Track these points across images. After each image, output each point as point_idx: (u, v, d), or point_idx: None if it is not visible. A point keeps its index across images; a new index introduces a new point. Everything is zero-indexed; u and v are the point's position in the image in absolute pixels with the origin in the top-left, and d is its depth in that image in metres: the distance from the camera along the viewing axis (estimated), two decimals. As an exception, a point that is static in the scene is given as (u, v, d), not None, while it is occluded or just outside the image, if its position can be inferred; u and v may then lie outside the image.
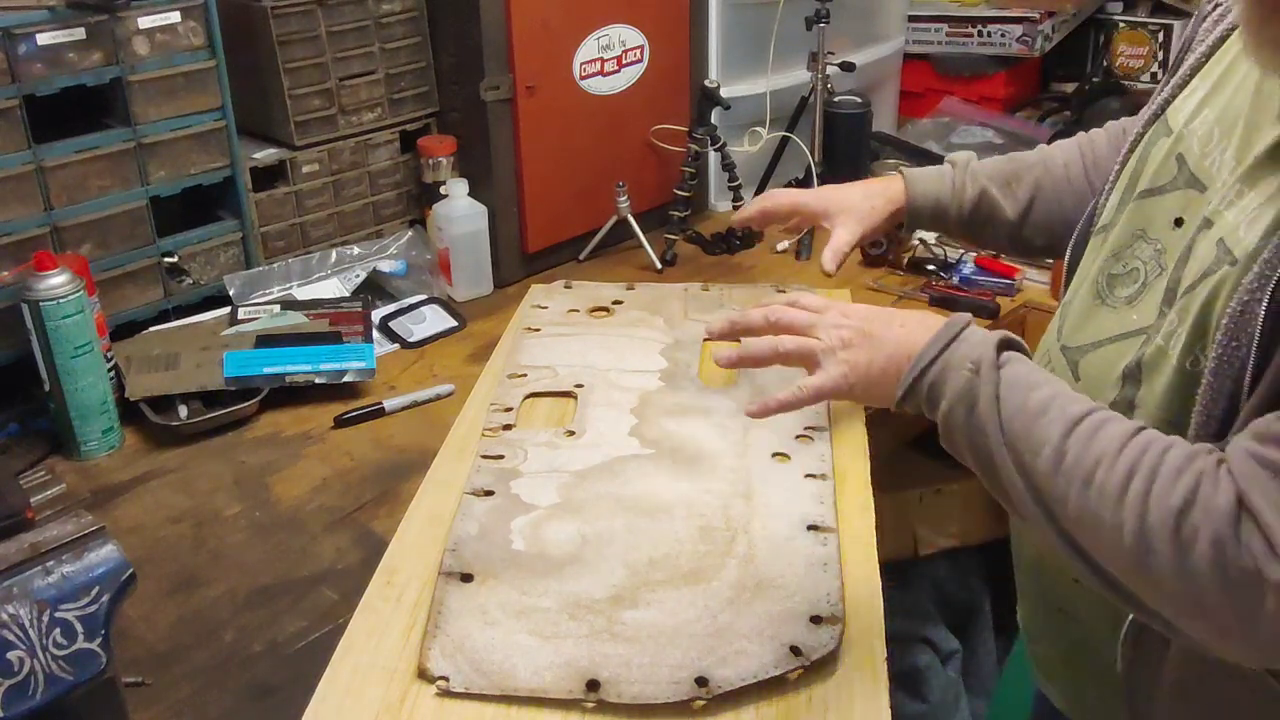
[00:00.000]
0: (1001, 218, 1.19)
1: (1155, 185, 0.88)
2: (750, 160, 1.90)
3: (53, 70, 1.32)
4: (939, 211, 1.22)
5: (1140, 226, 0.89)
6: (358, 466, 1.27)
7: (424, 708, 0.87)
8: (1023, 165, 1.19)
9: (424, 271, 1.66)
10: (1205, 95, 0.86)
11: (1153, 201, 0.88)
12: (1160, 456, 0.72)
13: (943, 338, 0.83)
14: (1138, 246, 0.88)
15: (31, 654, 0.73)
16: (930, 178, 1.23)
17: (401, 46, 1.65)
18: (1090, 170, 1.16)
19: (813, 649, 0.90)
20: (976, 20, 2.30)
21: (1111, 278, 0.90)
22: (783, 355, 0.89)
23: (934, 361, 0.83)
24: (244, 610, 1.05)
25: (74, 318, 1.23)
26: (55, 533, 0.78)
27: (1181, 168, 0.86)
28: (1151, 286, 0.86)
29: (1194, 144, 0.85)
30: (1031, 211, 1.18)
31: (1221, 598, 0.68)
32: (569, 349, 1.41)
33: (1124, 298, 0.88)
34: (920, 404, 0.85)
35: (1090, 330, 0.91)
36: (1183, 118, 0.88)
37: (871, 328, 0.87)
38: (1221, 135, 0.82)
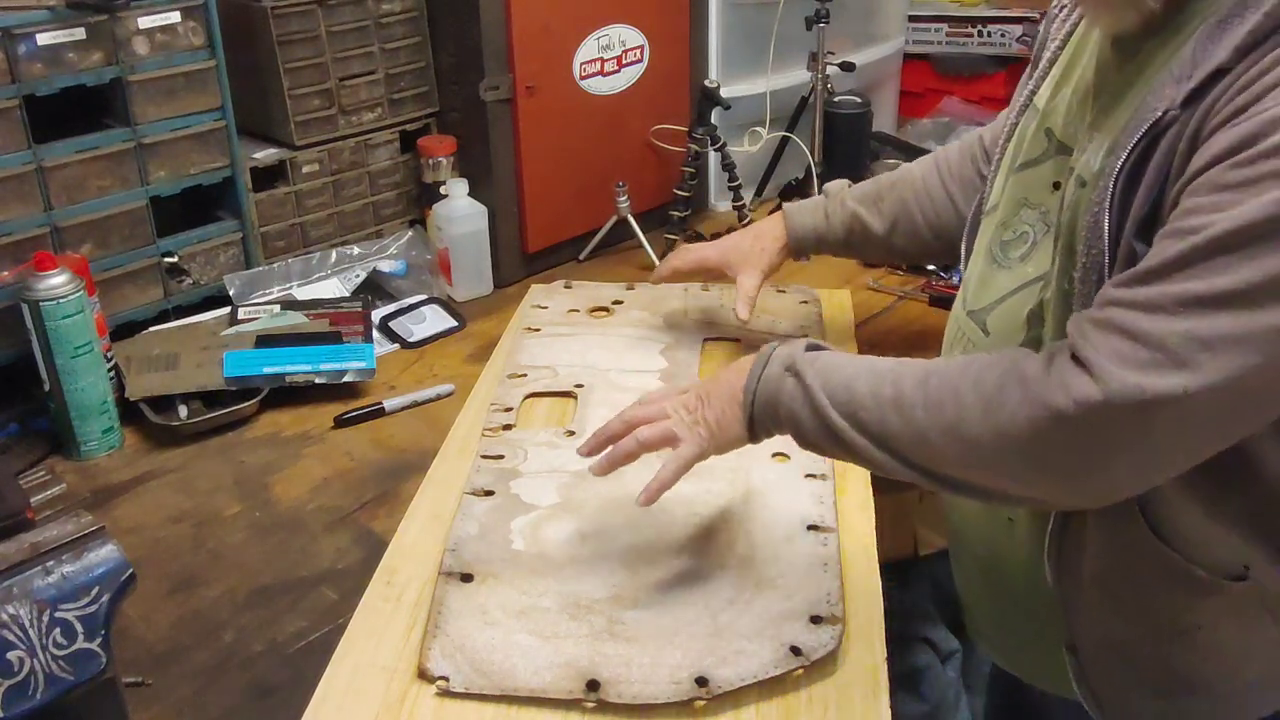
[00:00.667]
0: (873, 233, 1.33)
1: (1030, 158, 1.00)
2: (750, 160, 1.90)
3: (53, 70, 1.32)
4: (820, 239, 1.37)
5: (1022, 195, 1.00)
6: (358, 466, 1.27)
7: (424, 708, 0.87)
8: (885, 184, 1.34)
9: (424, 271, 1.66)
10: (1061, 77, 1.00)
11: (1030, 172, 1.00)
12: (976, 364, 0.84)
13: (758, 363, 0.95)
14: (1023, 213, 1.00)
15: (31, 654, 0.73)
16: (806, 210, 1.37)
17: (401, 46, 1.65)
18: (946, 179, 1.29)
19: (813, 649, 0.90)
20: (976, 20, 2.30)
21: (1003, 244, 1.01)
22: (645, 444, 0.97)
23: (757, 384, 0.93)
24: (244, 610, 1.05)
25: (74, 318, 1.23)
26: (55, 533, 0.78)
27: (1050, 139, 0.98)
28: (1041, 244, 0.97)
29: (1058, 119, 0.97)
30: (897, 223, 1.32)
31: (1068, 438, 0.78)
32: (569, 349, 1.41)
33: (1017, 257, 0.99)
34: (769, 428, 0.94)
35: (991, 291, 1.01)
36: (1045, 99, 1.01)
37: (705, 389, 0.98)
38: (1078, 106, 0.95)
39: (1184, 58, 0.81)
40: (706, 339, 1.44)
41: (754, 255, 1.37)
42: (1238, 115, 0.75)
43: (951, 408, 0.83)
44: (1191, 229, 0.74)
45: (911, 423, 0.85)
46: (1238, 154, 0.74)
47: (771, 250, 1.37)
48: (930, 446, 0.84)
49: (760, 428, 0.94)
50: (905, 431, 0.85)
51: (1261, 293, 0.72)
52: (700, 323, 1.48)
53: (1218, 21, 0.79)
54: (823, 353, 0.93)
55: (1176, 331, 0.73)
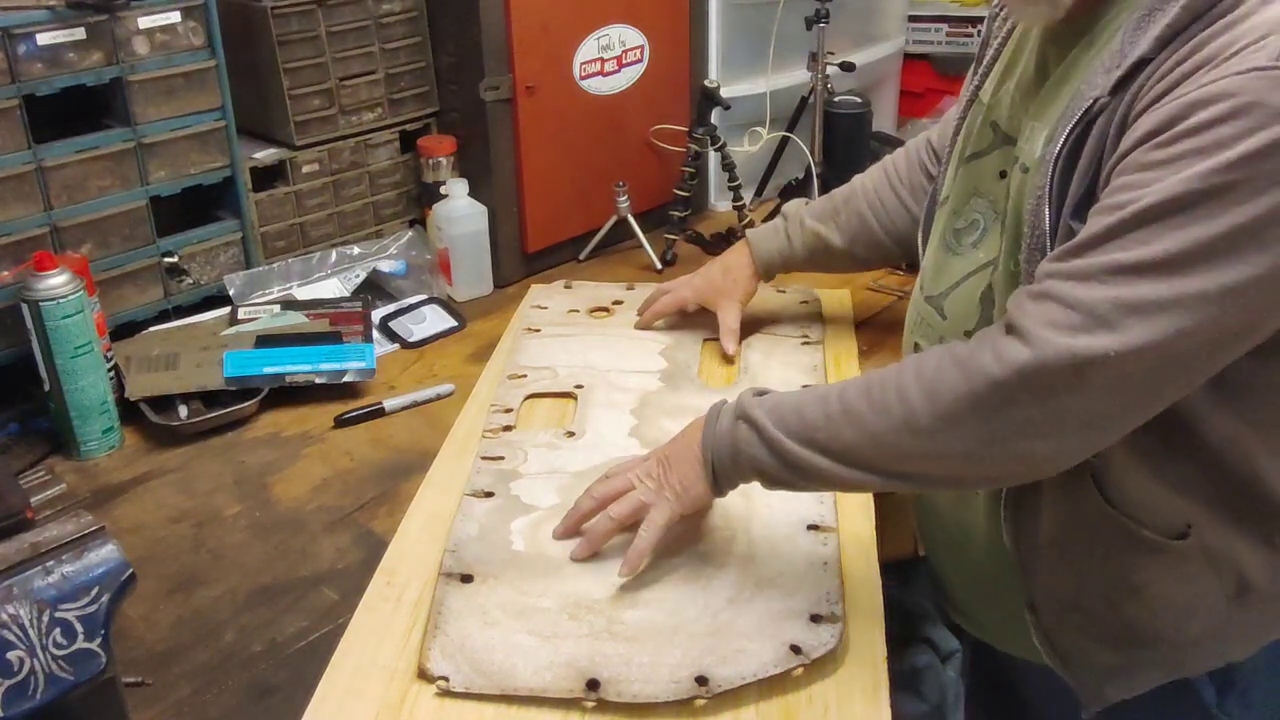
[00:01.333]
0: (835, 247, 1.38)
1: (977, 150, 1.05)
2: (750, 160, 1.90)
3: (53, 70, 1.32)
4: (785, 260, 1.42)
5: (972, 185, 1.05)
6: (358, 466, 1.27)
7: (424, 708, 0.87)
8: (840, 199, 1.40)
9: (424, 271, 1.66)
10: (1004, 72, 1.05)
11: (978, 164, 1.05)
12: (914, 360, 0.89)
13: (710, 420, 0.98)
14: (973, 201, 1.04)
15: (31, 654, 0.73)
16: (767, 235, 1.43)
17: (401, 46, 1.65)
18: (897, 186, 1.35)
19: (813, 648, 0.90)
20: (976, 20, 2.30)
21: (956, 232, 1.06)
22: (619, 520, 1.00)
23: (713, 439, 0.96)
24: (244, 610, 1.05)
25: (74, 318, 1.23)
26: (55, 533, 0.78)
27: (996, 131, 1.03)
28: (990, 230, 1.01)
29: (1003, 111, 1.02)
30: (856, 235, 1.37)
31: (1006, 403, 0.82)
32: (569, 349, 1.41)
33: (969, 244, 1.04)
34: (733, 478, 0.97)
35: (946, 277, 1.06)
36: (989, 93, 1.06)
37: (666, 452, 1.01)
38: (1021, 99, 1.00)
39: (1113, 49, 0.87)
40: (706, 339, 1.44)
41: (728, 288, 1.42)
42: (1159, 100, 0.81)
43: (897, 405, 0.87)
44: (1119, 204, 0.80)
45: (865, 430, 0.88)
46: (1159, 135, 0.79)
47: (743, 279, 1.42)
48: (888, 448, 0.88)
49: (724, 480, 0.97)
50: (861, 440, 0.89)
51: (1183, 261, 0.77)
52: (700, 323, 1.47)
53: (1142, 15, 0.85)
54: (769, 394, 0.97)
55: (1105, 298, 0.79)
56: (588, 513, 1.02)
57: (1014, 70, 1.03)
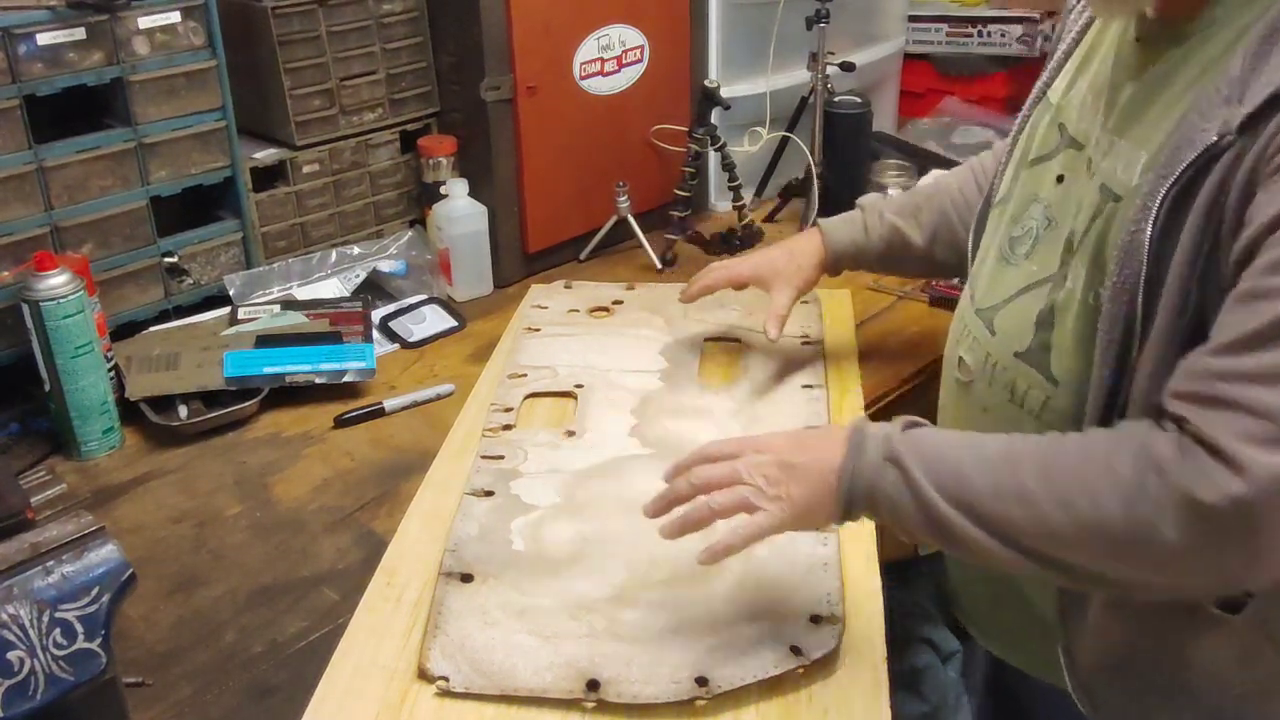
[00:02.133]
0: (913, 246, 1.30)
1: (1042, 153, 1.00)
2: (750, 160, 1.90)
3: (53, 70, 1.32)
4: (858, 254, 1.33)
5: (1033, 191, 0.99)
6: (358, 466, 1.27)
7: (424, 708, 0.87)
8: (922, 195, 1.32)
9: (424, 271, 1.66)
10: (1076, 71, 0.99)
11: (1041, 167, 0.99)
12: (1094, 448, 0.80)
13: (852, 449, 0.87)
14: (1031, 209, 0.99)
15: (31, 654, 0.73)
16: (843, 225, 1.33)
17: (402, 47, 1.65)
18: (983, 187, 1.23)
19: (813, 649, 0.90)
20: (976, 20, 2.30)
21: (1013, 240, 1.01)
22: (719, 512, 0.90)
23: (852, 472, 0.86)
24: (244, 610, 1.05)
25: (74, 318, 1.23)
26: (55, 533, 0.78)
27: (1062, 133, 0.97)
28: (1044, 239, 0.96)
29: (1072, 112, 0.97)
30: (937, 234, 1.29)
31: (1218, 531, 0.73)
32: (569, 349, 1.41)
33: (1023, 254, 0.98)
34: (861, 514, 0.88)
35: (999, 290, 1.00)
36: (1059, 93, 1.00)
37: (788, 458, 0.89)
38: (1093, 100, 0.94)
39: (1230, 74, 0.77)
40: (706, 339, 1.44)
41: (788, 272, 1.32)
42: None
43: (1084, 501, 0.77)
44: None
45: (1040, 518, 0.79)
46: None
47: (807, 267, 1.32)
48: (1061, 541, 0.79)
49: (852, 515, 0.88)
50: (1032, 527, 0.79)
51: None
52: (700, 323, 1.47)
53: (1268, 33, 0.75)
54: (920, 433, 0.87)
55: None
56: (683, 496, 0.92)
57: (1088, 69, 0.97)
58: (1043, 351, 0.93)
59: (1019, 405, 0.96)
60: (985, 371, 1.00)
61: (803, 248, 1.34)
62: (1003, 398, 0.98)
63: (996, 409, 0.99)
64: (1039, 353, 0.94)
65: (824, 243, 1.33)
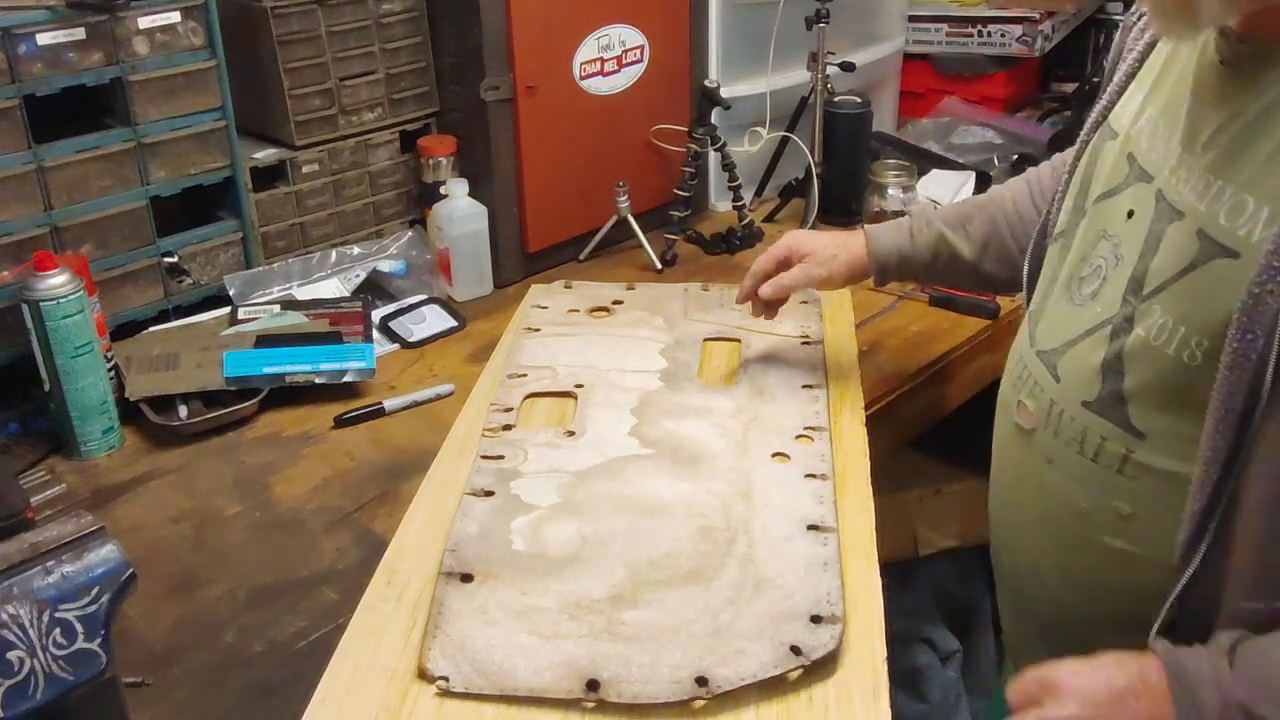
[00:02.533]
0: (961, 257, 1.24)
1: (1111, 188, 0.92)
2: (750, 160, 1.90)
3: (53, 70, 1.32)
4: (904, 261, 1.27)
5: (1101, 227, 0.92)
6: (358, 466, 1.27)
7: (424, 708, 0.87)
8: (974, 205, 1.26)
9: (424, 271, 1.66)
10: (1145, 96, 0.91)
11: (1110, 202, 0.92)
12: None
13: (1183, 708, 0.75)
14: (1100, 246, 0.92)
15: (31, 654, 0.73)
16: (890, 231, 1.28)
17: (402, 46, 1.65)
18: (1038, 202, 1.20)
19: (813, 649, 0.90)
20: (976, 20, 2.30)
21: (1080, 280, 0.94)
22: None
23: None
24: (244, 610, 1.05)
25: (74, 318, 1.23)
26: (55, 533, 0.78)
27: (1132, 165, 0.90)
28: (1110, 278, 0.89)
29: (1141, 141, 0.89)
30: (988, 247, 1.23)
31: None
32: (569, 349, 1.41)
33: (1089, 294, 0.92)
34: None
35: (1062, 331, 0.94)
36: (1127, 120, 0.92)
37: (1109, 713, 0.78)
38: (1166, 128, 0.86)
39: None
40: (706, 339, 1.44)
41: (821, 256, 1.25)
42: None
43: None
44: None
45: None
46: None
47: (840, 265, 1.25)
48: None
49: None
50: None
51: None
52: (700, 323, 1.48)
53: None
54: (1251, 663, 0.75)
55: None
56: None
57: (1158, 94, 0.89)
58: (1117, 402, 0.86)
59: (1091, 459, 0.90)
60: (1050, 420, 0.94)
61: (844, 244, 1.28)
62: (1071, 450, 0.91)
63: (1064, 461, 0.93)
64: (1112, 403, 0.87)
65: (868, 248, 1.27)
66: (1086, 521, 0.90)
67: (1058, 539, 0.95)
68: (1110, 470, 0.88)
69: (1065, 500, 0.92)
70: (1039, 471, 0.95)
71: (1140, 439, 0.85)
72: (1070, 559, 0.94)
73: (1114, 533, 0.89)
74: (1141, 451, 0.85)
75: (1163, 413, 0.83)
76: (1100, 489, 0.89)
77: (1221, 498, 0.77)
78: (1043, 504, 0.96)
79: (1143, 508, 0.86)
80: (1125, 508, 0.87)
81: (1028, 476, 0.97)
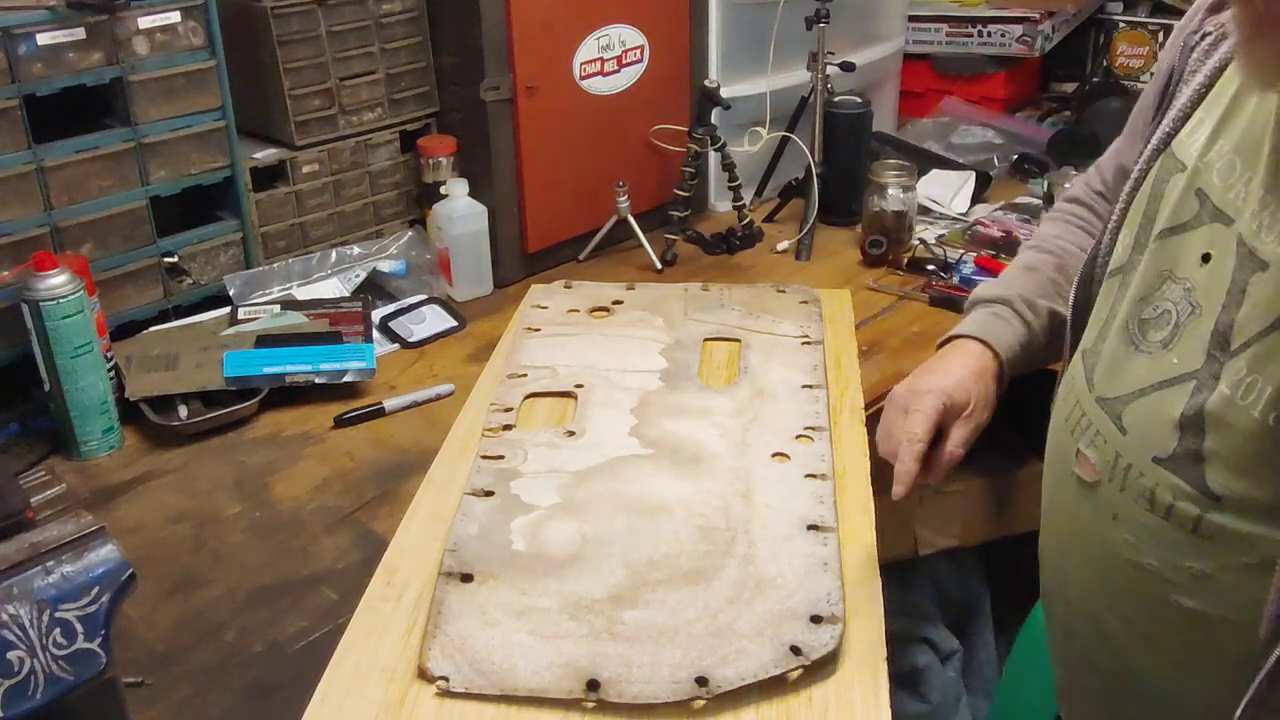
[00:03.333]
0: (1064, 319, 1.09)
1: (1177, 223, 0.85)
2: (750, 160, 1.90)
3: (53, 70, 1.32)
4: (1028, 355, 1.11)
5: (1166, 266, 0.85)
6: (358, 466, 1.27)
7: (424, 708, 0.87)
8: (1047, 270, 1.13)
9: (424, 271, 1.66)
10: (1216, 126, 0.84)
11: (1177, 240, 0.84)
12: None
13: None
14: (1166, 288, 0.84)
15: (31, 654, 0.73)
16: (999, 327, 1.11)
17: (402, 47, 1.65)
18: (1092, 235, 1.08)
19: (813, 649, 0.90)
20: (976, 20, 2.30)
21: (1143, 323, 0.86)
22: None
23: None
24: (244, 610, 1.05)
25: (74, 318, 1.23)
26: (55, 533, 0.78)
27: (1204, 202, 0.83)
28: (1186, 327, 0.82)
29: (1214, 177, 0.82)
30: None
31: None
32: (569, 349, 1.41)
33: (1158, 341, 0.84)
34: None
35: (1128, 379, 0.86)
36: (1195, 151, 0.85)
37: None
38: (1245, 165, 0.79)
39: None
40: (706, 339, 1.44)
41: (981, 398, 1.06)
42: None
43: None
44: None
45: None
46: None
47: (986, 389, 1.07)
48: None
49: None
50: None
51: None
52: (700, 323, 1.47)
53: None
54: None
55: None
56: None
57: (1232, 125, 0.82)
58: (1194, 461, 0.80)
59: (1161, 517, 0.83)
60: (1116, 474, 0.86)
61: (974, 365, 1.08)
62: (1140, 507, 0.84)
63: (1130, 518, 0.86)
64: (1188, 463, 0.80)
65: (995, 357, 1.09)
66: (1156, 580, 0.84)
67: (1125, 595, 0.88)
68: (1183, 530, 0.82)
69: (1133, 558, 0.86)
70: (1102, 527, 0.88)
71: (1216, 501, 0.79)
72: (1137, 614, 0.87)
73: (1187, 593, 0.82)
74: (1216, 514, 0.79)
75: (1243, 477, 0.77)
76: (1171, 549, 0.82)
77: None
78: (1105, 559, 0.89)
79: (1219, 569, 0.80)
80: (1199, 567, 0.81)
81: (1088, 530, 0.91)
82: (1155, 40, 2.36)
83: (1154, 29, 2.36)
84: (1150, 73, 2.37)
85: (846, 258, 1.79)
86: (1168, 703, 0.86)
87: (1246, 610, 0.76)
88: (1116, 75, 2.40)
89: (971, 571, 1.96)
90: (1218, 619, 0.81)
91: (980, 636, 1.95)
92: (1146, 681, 0.88)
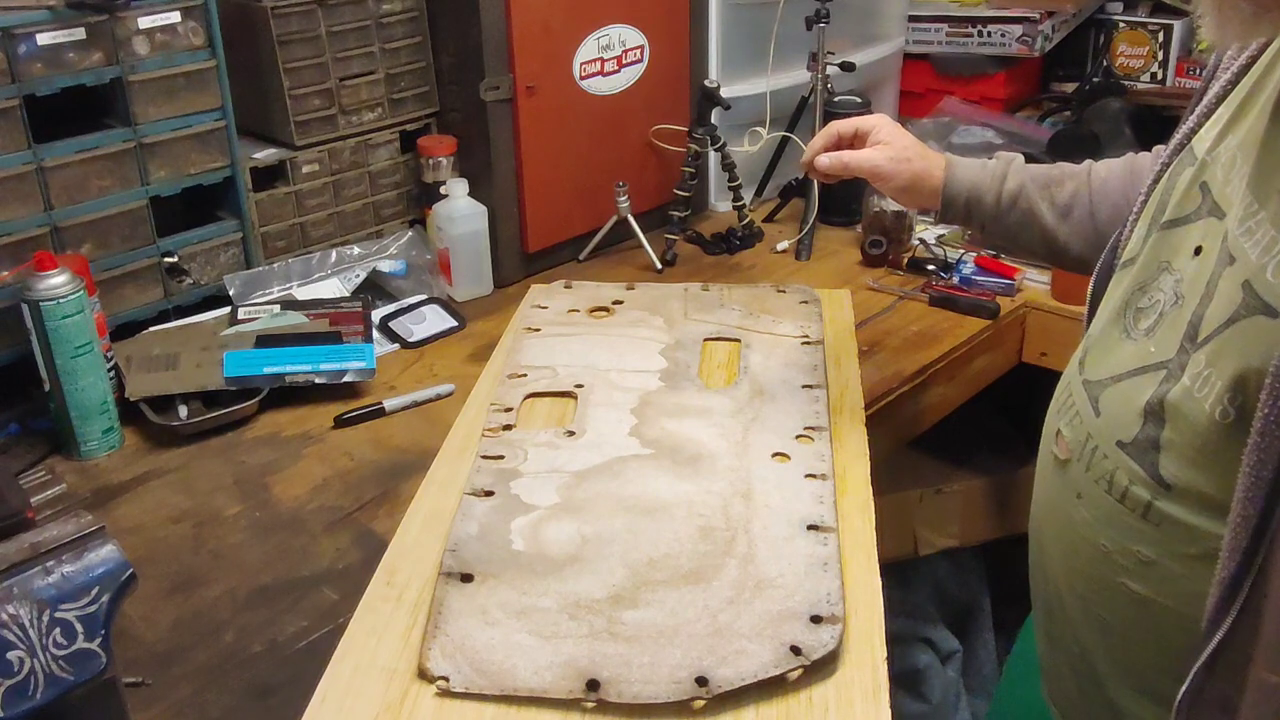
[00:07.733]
0: (1038, 220, 1.16)
1: (1180, 215, 0.86)
2: (750, 160, 1.90)
3: (53, 70, 1.32)
4: (974, 203, 1.16)
5: (1165, 258, 0.86)
6: (358, 466, 1.27)
7: (424, 708, 0.87)
8: (1065, 172, 1.17)
9: (424, 271, 1.66)
10: (1228, 122, 0.84)
11: (1177, 232, 0.85)
12: None
13: None
14: (1161, 278, 0.85)
15: (31, 654, 0.73)
16: (973, 168, 1.18)
17: (401, 46, 1.65)
18: (1129, 187, 1.12)
19: (813, 649, 0.90)
20: (976, 20, 2.30)
21: (1137, 310, 0.87)
22: None
23: None
24: (244, 610, 1.05)
25: (74, 318, 1.23)
26: (55, 533, 0.78)
27: (1205, 196, 0.83)
28: (1168, 317, 0.83)
29: (1217, 171, 0.83)
30: (1070, 217, 1.15)
31: None
32: (569, 349, 1.41)
33: (1144, 329, 0.85)
34: None
35: (1111, 363, 0.88)
36: (1206, 145, 0.86)
37: None
38: (1242, 161, 0.80)
39: None
40: (706, 339, 1.44)
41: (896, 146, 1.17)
42: None
43: None
44: None
45: None
46: None
47: (907, 170, 1.17)
48: None
49: None
50: None
51: None
52: (700, 323, 1.48)
53: None
54: None
55: None
56: None
57: (1240, 122, 0.82)
58: (1151, 448, 0.81)
59: (1118, 500, 0.85)
60: (1084, 454, 0.89)
61: (922, 153, 1.20)
62: (1100, 488, 0.87)
63: (1091, 498, 0.88)
64: (1146, 449, 0.82)
65: (945, 174, 1.18)
66: (1108, 562, 0.87)
67: (1082, 573, 0.91)
68: (1134, 514, 0.84)
69: (1090, 537, 0.88)
70: (1068, 505, 0.91)
71: (1166, 490, 0.81)
72: (1092, 594, 0.90)
73: (1134, 576, 0.85)
74: (1165, 502, 0.81)
75: (1192, 468, 0.78)
76: (1123, 531, 0.85)
77: (1251, 567, 0.71)
78: (1070, 537, 0.92)
79: (1164, 556, 0.82)
80: (1147, 553, 0.83)
81: (1058, 507, 0.93)
82: (1155, 40, 2.36)
83: (1154, 29, 2.36)
84: (1150, 72, 2.38)
85: (846, 258, 1.79)
86: (1118, 686, 0.87)
87: (1189, 601, 0.78)
88: (1116, 75, 2.39)
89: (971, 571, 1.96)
90: (1161, 605, 0.83)
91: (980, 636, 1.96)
92: (1101, 662, 0.90)
